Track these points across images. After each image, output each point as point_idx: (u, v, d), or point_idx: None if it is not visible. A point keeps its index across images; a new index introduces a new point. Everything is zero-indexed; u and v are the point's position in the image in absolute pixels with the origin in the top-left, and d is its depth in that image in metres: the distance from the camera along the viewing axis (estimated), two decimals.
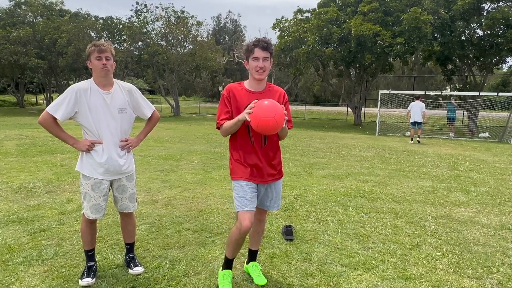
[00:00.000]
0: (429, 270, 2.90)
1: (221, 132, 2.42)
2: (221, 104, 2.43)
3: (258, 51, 2.32)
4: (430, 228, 3.85)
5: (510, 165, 8.09)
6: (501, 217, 4.31)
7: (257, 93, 2.41)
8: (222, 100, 2.42)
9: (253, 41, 2.37)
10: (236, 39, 55.03)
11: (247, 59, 2.40)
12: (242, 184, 2.41)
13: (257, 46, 2.32)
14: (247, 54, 2.39)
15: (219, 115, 2.42)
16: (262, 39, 2.35)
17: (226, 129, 2.38)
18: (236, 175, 2.44)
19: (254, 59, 2.33)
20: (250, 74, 2.41)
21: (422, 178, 6.44)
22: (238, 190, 2.41)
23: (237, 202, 2.40)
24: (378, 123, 16.21)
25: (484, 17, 16.33)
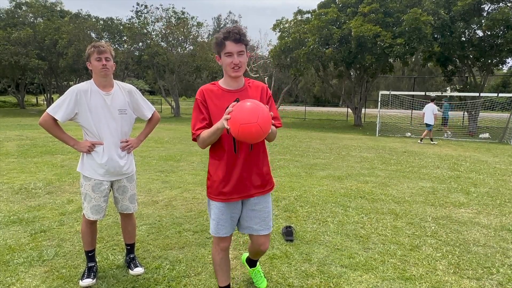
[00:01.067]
0: (429, 271, 2.91)
1: (198, 144, 2.04)
2: (195, 111, 2.05)
3: (231, 44, 1.93)
4: (430, 229, 3.85)
5: (510, 166, 8.09)
6: (501, 218, 4.31)
7: (236, 91, 2.05)
8: (196, 105, 2.04)
9: (223, 32, 1.95)
10: None
11: (219, 54, 2.00)
12: (219, 206, 2.08)
13: (228, 39, 1.92)
14: (217, 48, 1.98)
15: (194, 124, 2.03)
16: (233, 30, 1.94)
17: (203, 140, 1.99)
18: (213, 195, 2.09)
19: (227, 54, 1.95)
20: (224, 71, 2.03)
21: (422, 179, 6.44)
22: (214, 212, 2.11)
23: (212, 225, 2.13)
24: (378, 124, 16.21)
25: (484, 18, 16.34)
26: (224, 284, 2.27)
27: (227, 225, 2.11)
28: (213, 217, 2.12)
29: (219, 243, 2.17)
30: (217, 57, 2.04)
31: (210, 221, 2.15)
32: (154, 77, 28.77)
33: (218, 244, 2.18)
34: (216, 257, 2.21)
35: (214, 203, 2.10)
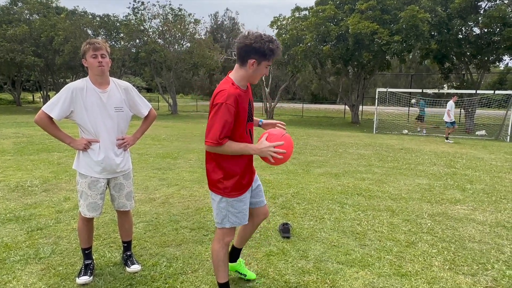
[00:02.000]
0: (425, 267, 2.93)
1: (214, 150, 2.03)
2: (225, 116, 1.95)
3: (272, 60, 2.06)
4: (426, 226, 3.87)
5: (506, 163, 8.14)
6: (497, 214, 4.34)
7: (246, 92, 2.14)
8: (226, 111, 1.95)
9: (277, 45, 2.01)
10: (234, 37, 54.89)
11: (258, 60, 2.01)
12: (242, 198, 2.19)
13: (276, 54, 2.03)
14: (264, 56, 2.00)
15: (220, 131, 1.96)
16: (279, 46, 2.06)
17: (226, 151, 2.03)
18: (236, 192, 2.16)
19: (267, 66, 2.06)
20: (249, 74, 2.06)
21: (419, 175, 6.47)
22: (237, 206, 2.18)
23: (234, 219, 2.19)
24: (376, 121, 16.25)
25: (481, 15, 16.38)
26: (226, 279, 2.32)
27: (247, 212, 2.26)
28: (238, 210, 2.19)
29: (227, 237, 2.25)
30: (253, 62, 2.01)
31: (230, 216, 2.19)
32: (151, 75, 28.67)
33: (225, 238, 2.25)
34: (220, 252, 2.26)
35: (237, 199, 2.18)
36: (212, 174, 2.16)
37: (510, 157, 9.07)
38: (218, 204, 2.19)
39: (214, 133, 1.96)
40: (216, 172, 2.14)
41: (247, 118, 2.13)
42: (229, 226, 2.21)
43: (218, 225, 2.25)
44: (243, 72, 2.06)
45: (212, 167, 2.15)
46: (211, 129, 1.98)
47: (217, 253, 2.26)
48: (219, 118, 1.96)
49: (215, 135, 1.96)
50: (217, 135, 1.96)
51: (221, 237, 2.25)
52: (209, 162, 2.17)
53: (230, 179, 2.13)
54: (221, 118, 1.95)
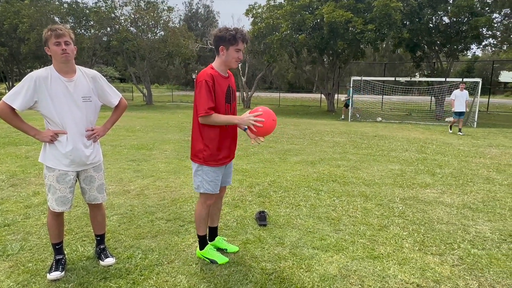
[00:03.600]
0: (396, 249, 3.03)
1: (205, 120, 2.46)
2: (205, 91, 2.43)
3: (241, 43, 2.48)
4: (398, 209, 4.00)
5: (473, 148, 8.50)
6: (463, 196, 4.54)
7: (226, 78, 2.59)
8: (206, 86, 2.43)
9: (238, 32, 2.46)
10: (209, 25, 54.01)
11: (226, 46, 2.48)
12: (215, 170, 2.62)
13: (241, 39, 2.47)
14: (229, 42, 2.46)
15: (205, 103, 2.42)
16: (245, 32, 2.50)
17: (214, 122, 2.47)
18: (211, 161, 2.58)
19: (237, 50, 2.48)
20: (223, 60, 2.53)
21: (392, 161, 6.66)
22: (210, 175, 2.61)
23: (208, 186, 2.62)
24: (351, 109, 16.52)
25: (450, 5, 16.82)
26: (204, 233, 2.79)
27: (218, 183, 2.68)
28: (211, 179, 2.61)
29: (208, 200, 2.69)
30: (222, 47, 2.49)
31: (203, 184, 2.62)
32: (124, 64, 27.83)
33: (206, 201, 2.69)
34: (202, 212, 2.71)
35: (211, 168, 2.59)
36: (195, 143, 2.59)
37: (476, 142, 9.48)
38: (195, 172, 2.64)
39: (202, 105, 2.42)
40: (199, 142, 2.56)
41: (225, 99, 2.54)
42: (203, 191, 2.63)
43: (195, 190, 2.69)
44: (219, 59, 2.55)
45: (196, 137, 2.58)
46: (199, 103, 2.44)
47: (199, 212, 2.72)
48: (203, 93, 2.43)
49: (203, 107, 2.42)
50: (205, 106, 2.41)
51: (203, 200, 2.70)
52: (195, 132, 2.59)
53: (209, 150, 2.55)
54: (204, 93, 2.42)
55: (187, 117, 16.12)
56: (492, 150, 8.26)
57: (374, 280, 2.54)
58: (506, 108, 23.99)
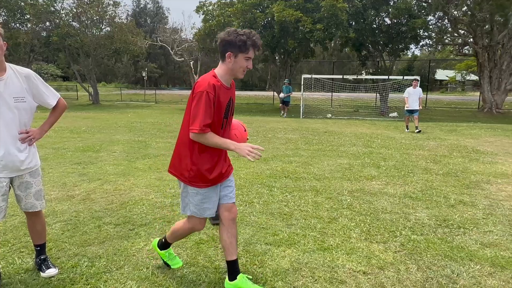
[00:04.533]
0: (344, 239, 3.17)
1: (197, 138, 2.11)
2: (205, 104, 2.06)
3: (253, 51, 2.14)
4: (346, 202, 4.19)
5: (413, 141, 9.14)
6: (405, 187, 4.87)
7: (228, 89, 2.23)
8: (206, 99, 2.06)
9: (250, 37, 2.10)
10: (159, 21, 52.46)
11: (234, 53, 2.11)
12: (203, 192, 2.26)
13: (254, 45, 2.13)
14: (239, 48, 2.10)
15: (202, 119, 2.06)
16: (258, 37, 2.15)
17: (208, 142, 2.13)
18: (202, 183, 2.24)
19: (246, 58, 2.14)
20: (229, 68, 2.15)
21: (341, 156, 6.95)
22: (197, 198, 2.27)
23: (194, 209, 2.29)
24: (302, 106, 16.97)
25: (391, 7, 17.89)
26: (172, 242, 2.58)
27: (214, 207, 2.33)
28: (197, 203, 2.27)
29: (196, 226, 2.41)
30: (230, 55, 2.13)
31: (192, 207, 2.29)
32: (67, 61, 26.14)
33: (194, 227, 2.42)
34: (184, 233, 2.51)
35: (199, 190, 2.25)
36: (183, 159, 2.24)
37: (416, 136, 10.20)
38: (182, 191, 2.33)
39: (198, 120, 2.07)
40: (186, 158, 2.22)
41: (224, 113, 2.20)
42: (190, 214, 2.32)
43: (181, 212, 2.38)
44: (224, 67, 2.17)
45: (185, 152, 2.23)
46: (196, 117, 2.08)
47: (181, 231, 2.46)
48: (201, 106, 2.07)
49: (199, 123, 2.07)
50: (201, 122, 2.07)
51: (190, 225, 2.40)
52: (183, 146, 2.24)
53: (197, 169, 2.21)
54: (202, 106, 2.07)
55: (138, 116, 15.57)
56: (430, 142, 8.93)
57: (324, 271, 2.64)
58: (442, 103, 26.05)
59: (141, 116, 16.08)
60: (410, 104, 11.02)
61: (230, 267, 2.37)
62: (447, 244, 3.09)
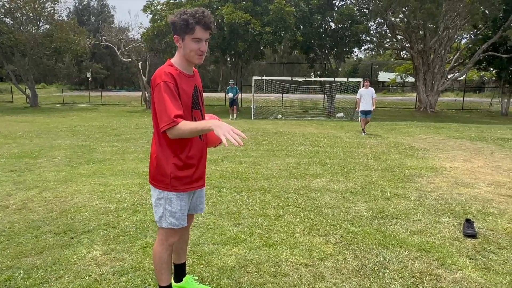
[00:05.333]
0: (289, 235, 3.32)
1: (172, 132, 1.84)
2: (169, 95, 1.84)
3: (201, 30, 1.86)
4: (292, 199, 4.37)
5: (357, 139, 9.69)
6: (347, 183, 5.17)
7: (191, 76, 2.02)
8: (168, 89, 1.84)
9: (193, 14, 1.84)
10: (103, 20, 50.10)
11: (180, 36, 1.89)
12: (182, 197, 2.03)
13: (199, 24, 1.85)
14: (183, 30, 1.86)
15: (171, 110, 1.81)
16: (206, 16, 1.86)
17: (183, 133, 1.83)
18: (180, 186, 2.00)
19: (195, 40, 1.88)
20: (184, 55, 1.93)
21: (289, 155, 7.19)
22: (176, 204, 2.02)
23: (172, 219, 2.02)
24: (253, 107, 17.20)
25: (336, 12, 18.77)
26: (169, 282, 2.17)
27: (186, 214, 2.09)
28: (176, 210, 2.02)
29: (171, 237, 2.08)
30: (177, 38, 1.91)
31: (168, 216, 2.01)
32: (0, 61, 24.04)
33: (168, 239, 2.08)
34: (164, 254, 2.10)
35: (177, 195, 2.00)
36: (159, 164, 1.98)
37: (359, 134, 10.82)
38: (156, 200, 2.04)
39: (167, 114, 1.82)
40: (164, 162, 1.97)
41: (191, 104, 1.98)
42: (166, 226, 2.03)
43: (157, 223, 2.09)
44: (178, 53, 1.97)
45: (160, 155, 1.98)
46: (162, 112, 1.84)
47: (159, 255, 2.10)
48: (165, 98, 1.84)
49: (168, 116, 1.82)
50: (170, 114, 1.81)
51: (163, 237, 2.08)
52: (158, 150, 1.99)
53: (178, 171, 1.98)
54: (166, 98, 1.84)
55: (82, 119, 14.79)
56: (371, 140, 9.53)
57: (268, 266, 2.75)
58: (384, 104, 27.77)
59: (86, 119, 15.28)
60: (363, 105, 10.60)
61: (177, 270, 2.36)
62: (381, 234, 3.36)
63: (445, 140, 9.92)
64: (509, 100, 21.75)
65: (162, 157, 1.98)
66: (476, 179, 5.47)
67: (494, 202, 4.36)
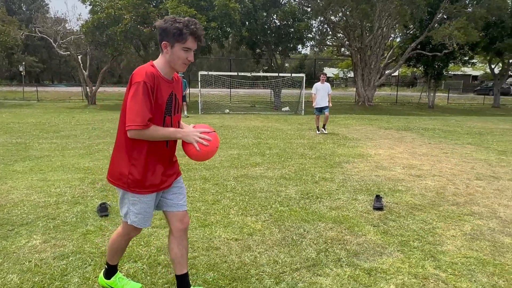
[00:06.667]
0: (224, 216, 3.67)
1: (139, 135, 1.88)
2: (143, 96, 1.84)
3: (192, 41, 1.92)
4: (230, 186, 4.72)
5: (297, 131, 10.31)
6: (282, 170, 5.64)
7: (171, 83, 2.02)
8: (144, 90, 1.84)
9: (187, 24, 1.88)
10: (37, 10, 46.44)
11: (170, 43, 1.91)
12: (146, 200, 2.05)
13: (192, 34, 1.90)
14: (174, 38, 1.89)
15: (143, 113, 1.84)
16: (198, 26, 1.92)
17: (152, 136, 1.91)
18: (142, 189, 2.01)
19: (185, 49, 1.92)
20: (167, 60, 1.95)
21: (232, 147, 7.54)
22: (139, 206, 2.04)
23: (134, 218, 2.06)
24: (200, 102, 17.30)
25: (279, 9, 19.40)
26: (116, 263, 2.35)
27: (149, 216, 2.13)
28: (138, 211, 2.05)
29: (132, 233, 2.20)
30: (165, 44, 1.92)
31: (131, 216, 2.06)
32: None
33: (130, 234, 2.20)
34: (123, 243, 2.25)
35: (142, 197, 2.03)
36: (118, 163, 2.01)
37: (300, 127, 11.49)
38: (121, 198, 2.09)
39: (138, 115, 1.83)
40: (123, 162, 1.99)
41: (164, 109, 1.97)
42: (130, 223, 2.09)
43: (123, 218, 2.14)
44: (163, 58, 1.97)
45: (121, 155, 2.00)
46: (133, 111, 1.84)
47: (119, 244, 2.24)
48: (139, 98, 1.84)
49: (140, 117, 1.83)
50: (143, 116, 1.84)
51: (126, 231, 2.18)
52: (119, 149, 2.01)
53: (137, 173, 1.98)
54: (141, 98, 1.84)
55: (15, 116, 13.88)
56: (310, 132, 10.20)
57: (202, 242, 3.07)
58: None
59: (20, 116, 14.35)
60: (318, 101, 9.78)
61: (180, 282, 2.21)
62: (305, 211, 3.84)
63: (376, 130, 10.92)
64: (435, 94, 24.09)
65: (120, 157, 2.01)
66: (394, 163, 6.24)
67: (404, 181, 5.08)
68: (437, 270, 2.67)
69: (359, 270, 2.66)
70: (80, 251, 2.89)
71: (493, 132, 10.94)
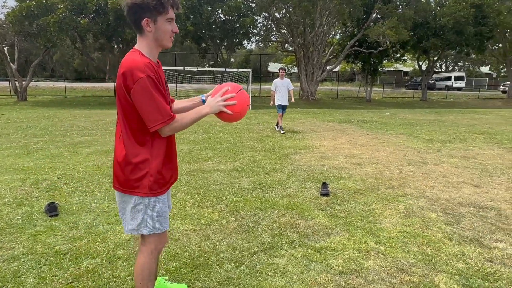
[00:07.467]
0: (180, 209, 3.74)
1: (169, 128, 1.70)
2: (154, 89, 1.63)
3: (172, 9, 1.71)
4: (184, 180, 4.77)
5: (246, 126, 10.52)
6: (234, 163, 5.80)
7: (159, 67, 1.79)
8: (152, 83, 1.63)
9: None
10: None
11: (151, 18, 1.67)
12: (163, 198, 1.85)
13: (172, 4, 1.70)
14: (156, 10, 1.65)
15: (162, 107, 1.64)
16: None
17: (184, 125, 1.73)
18: (163, 187, 1.82)
19: (168, 20, 1.70)
20: (153, 39, 1.72)
21: (182, 143, 7.52)
22: (158, 208, 1.83)
23: (154, 223, 1.82)
24: None
25: (225, 4, 19.42)
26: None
27: (167, 216, 1.92)
28: (158, 213, 1.83)
29: (159, 244, 1.91)
30: (147, 21, 1.66)
31: (149, 221, 1.81)
32: None
33: (157, 246, 1.90)
34: (153, 263, 1.91)
35: (159, 198, 1.82)
36: (133, 168, 1.74)
37: (249, 121, 11.73)
38: (134, 207, 1.79)
39: (160, 111, 1.64)
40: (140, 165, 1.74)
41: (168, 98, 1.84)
42: (149, 232, 1.83)
43: (134, 232, 1.83)
44: (146, 39, 1.72)
45: (134, 159, 1.73)
46: (152, 109, 1.63)
47: (149, 267, 1.89)
48: (153, 94, 1.62)
49: (162, 113, 1.64)
50: (164, 110, 1.65)
51: (152, 246, 1.88)
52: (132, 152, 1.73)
53: (157, 172, 1.77)
54: (154, 93, 1.63)
55: None
56: (259, 126, 10.48)
57: None
58: None
59: None
60: (279, 99, 9.19)
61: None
62: (258, 200, 4.04)
63: (320, 123, 11.53)
64: (371, 89, 25.84)
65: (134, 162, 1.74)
66: (337, 153, 6.71)
67: (347, 169, 5.52)
68: (377, 245, 3.02)
69: (310, 249, 2.91)
70: (32, 252, 2.79)
71: (422, 123, 12.13)
